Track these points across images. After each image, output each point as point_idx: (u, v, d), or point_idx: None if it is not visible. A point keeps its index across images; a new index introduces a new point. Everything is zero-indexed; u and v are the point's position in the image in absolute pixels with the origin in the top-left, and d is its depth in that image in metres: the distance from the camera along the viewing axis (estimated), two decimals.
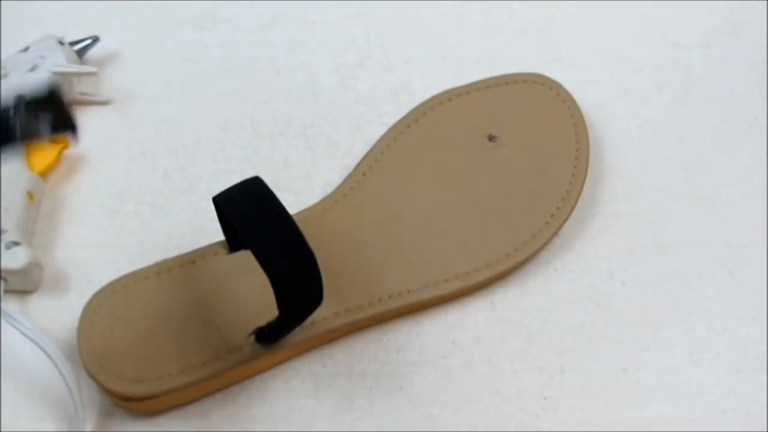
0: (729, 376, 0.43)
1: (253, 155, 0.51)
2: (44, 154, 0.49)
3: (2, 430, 0.41)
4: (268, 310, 0.38)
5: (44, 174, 0.49)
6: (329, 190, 0.49)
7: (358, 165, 0.49)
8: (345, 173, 0.50)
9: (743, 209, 0.49)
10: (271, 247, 0.36)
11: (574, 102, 0.51)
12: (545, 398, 0.42)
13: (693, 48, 0.56)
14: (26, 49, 0.51)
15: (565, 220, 0.47)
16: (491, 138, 0.49)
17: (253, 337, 0.40)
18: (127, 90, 0.54)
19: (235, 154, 0.51)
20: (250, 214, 0.37)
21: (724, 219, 0.49)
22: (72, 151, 0.50)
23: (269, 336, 0.40)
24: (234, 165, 0.51)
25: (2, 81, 0.50)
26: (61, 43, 0.52)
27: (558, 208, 0.47)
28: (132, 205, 0.49)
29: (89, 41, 0.54)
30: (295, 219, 0.37)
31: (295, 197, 0.49)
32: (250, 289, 0.42)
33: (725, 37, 0.56)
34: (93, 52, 0.54)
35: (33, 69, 0.50)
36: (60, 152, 0.50)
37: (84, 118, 0.53)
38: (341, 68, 0.55)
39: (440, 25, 0.57)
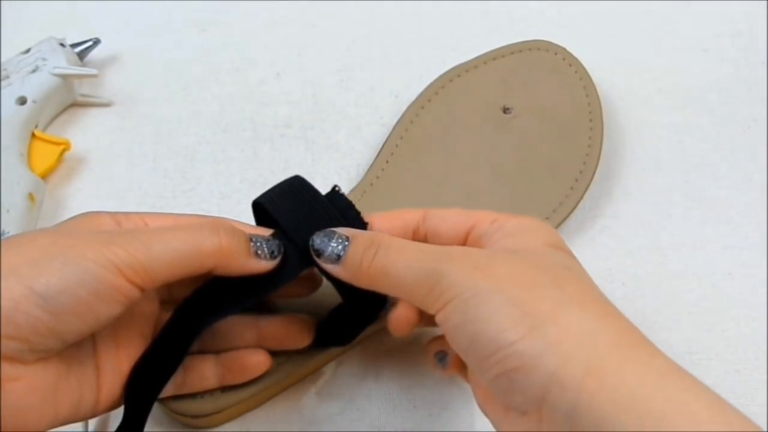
0: (729, 376, 0.43)
1: (253, 157, 0.51)
2: (45, 155, 0.50)
3: (3, 430, 0.41)
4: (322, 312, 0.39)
5: (45, 175, 0.49)
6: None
7: (379, 153, 0.49)
8: (345, 174, 0.50)
9: (743, 209, 0.49)
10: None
11: (580, 64, 0.51)
12: None
13: (693, 49, 0.56)
14: (27, 51, 0.52)
15: (589, 184, 0.47)
16: (506, 110, 0.49)
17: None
18: (128, 92, 0.54)
19: (235, 156, 0.51)
20: (304, 224, 0.36)
21: (723, 219, 0.49)
22: (73, 152, 0.51)
23: (340, 339, 0.40)
24: (234, 166, 0.51)
25: (3, 83, 0.50)
26: (62, 45, 0.52)
27: (581, 171, 0.47)
28: (133, 207, 0.49)
29: (90, 43, 0.54)
30: None
31: None
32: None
33: (725, 38, 0.56)
34: (94, 54, 0.54)
35: (34, 71, 0.51)
36: (61, 154, 0.50)
37: (85, 120, 0.53)
38: (341, 70, 0.55)
39: (440, 26, 0.57)
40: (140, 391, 0.35)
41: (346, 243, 0.35)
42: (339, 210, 0.37)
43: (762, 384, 0.43)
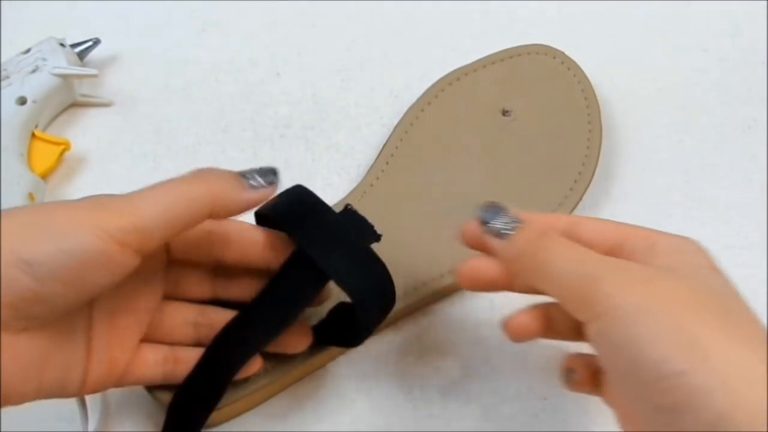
0: None
1: (253, 157, 0.51)
2: (45, 155, 0.50)
3: (2, 430, 0.41)
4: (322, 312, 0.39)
5: (45, 175, 0.49)
6: (330, 190, 0.49)
7: (380, 155, 0.49)
8: (345, 174, 0.50)
9: (743, 210, 0.49)
10: (343, 265, 0.36)
11: (579, 68, 0.51)
12: (545, 398, 0.42)
13: (692, 49, 0.56)
14: (27, 51, 0.52)
15: (588, 184, 0.47)
16: (505, 112, 0.49)
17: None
18: (128, 92, 0.54)
19: (235, 156, 0.51)
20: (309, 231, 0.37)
21: (723, 220, 0.49)
22: (73, 152, 0.51)
23: (351, 341, 0.40)
24: (234, 166, 0.50)
25: (3, 83, 0.50)
26: (63, 45, 0.52)
27: (580, 172, 0.47)
28: None
29: (90, 43, 0.54)
30: None
31: None
32: None
33: (725, 38, 0.56)
34: (94, 54, 0.54)
35: (34, 71, 0.51)
36: (61, 154, 0.50)
37: (85, 120, 0.53)
38: (341, 70, 0.55)
39: (440, 26, 0.57)
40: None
41: (518, 224, 0.34)
42: (357, 229, 0.37)
43: None
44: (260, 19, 0.58)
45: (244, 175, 0.35)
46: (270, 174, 0.36)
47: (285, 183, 0.50)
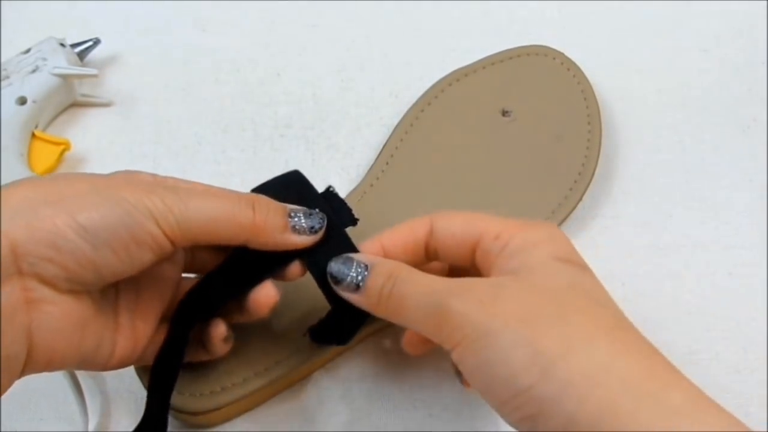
0: (729, 376, 0.43)
1: (253, 157, 0.51)
2: (45, 155, 0.50)
3: (2, 430, 0.41)
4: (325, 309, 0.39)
5: (45, 175, 0.49)
6: None
7: (380, 155, 0.49)
8: (345, 174, 0.50)
9: (743, 210, 0.49)
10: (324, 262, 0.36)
11: (578, 69, 0.51)
12: None
13: (692, 50, 0.56)
14: (27, 51, 0.52)
15: (588, 184, 0.47)
16: (504, 113, 0.49)
17: (308, 337, 0.40)
18: (128, 91, 0.54)
19: (235, 156, 0.51)
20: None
21: (723, 220, 0.49)
22: (73, 152, 0.51)
23: (338, 337, 0.39)
24: (234, 167, 0.51)
25: (3, 83, 0.50)
26: (63, 45, 0.52)
27: (579, 173, 0.47)
28: None
29: (90, 43, 0.54)
30: None
31: None
32: (307, 290, 0.41)
33: (725, 39, 0.56)
34: (94, 54, 0.54)
35: (34, 71, 0.51)
36: (61, 154, 0.50)
37: (85, 120, 0.53)
38: (341, 70, 0.55)
39: (440, 27, 0.57)
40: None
41: (365, 273, 0.35)
42: (333, 208, 0.38)
43: (762, 384, 0.43)
44: (260, 19, 0.58)
45: (291, 213, 0.36)
46: (316, 221, 0.36)
47: None
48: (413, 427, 0.42)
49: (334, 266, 0.35)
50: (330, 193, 0.39)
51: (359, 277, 0.35)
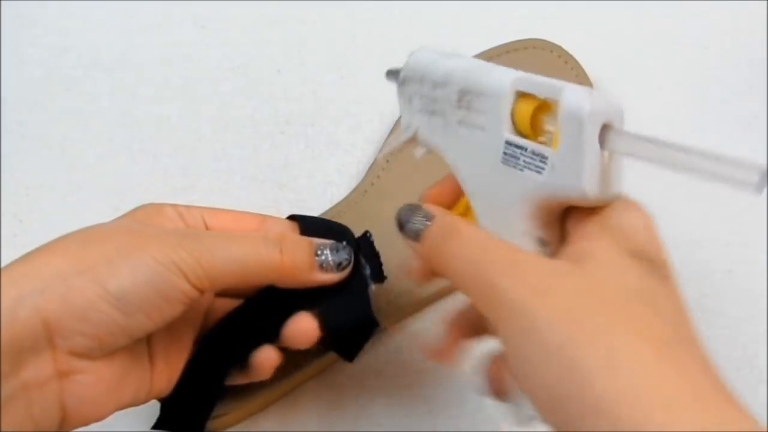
0: (729, 376, 0.43)
1: (253, 154, 0.51)
2: None
3: (2, 430, 0.41)
4: None
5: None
6: (330, 188, 0.49)
7: (379, 152, 0.49)
8: (346, 172, 0.50)
9: (743, 208, 0.49)
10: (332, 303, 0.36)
11: (577, 63, 0.51)
12: None
13: (692, 46, 0.56)
14: None
15: None
16: None
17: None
18: (128, 90, 0.54)
19: (235, 153, 0.51)
20: None
21: (723, 217, 0.49)
22: (72, 151, 0.51)
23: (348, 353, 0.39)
24: (234, 163, 0.51)
25: None
26: None
27: None
28: (132, 204, 0.49)
29: None
30: (328, 214, 0.37)
31: (296, 195, 0.49)
32: None
33: (725, 36, 0.56)
34: (94, 54, 0.54)
35: None
36: None
37: (84, 118, 0.53)
38: (341, 67, 0.55)
39: (440, 24, 0.57)
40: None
41: (427, 222, 0.34)
42: (368, 261, 0.38)
43: (762, 383, 0.43)
44: (260, 16, 0.58)
45: (318, 251, 0.36)
46: (344, 255, 0.36)
47: (285, 180, 0.50)
48: (413, 426, 0.42)
49: (402, 210, 0.35)
50: (366, 240, 0.38)
51: (419, 224, 0.34)
